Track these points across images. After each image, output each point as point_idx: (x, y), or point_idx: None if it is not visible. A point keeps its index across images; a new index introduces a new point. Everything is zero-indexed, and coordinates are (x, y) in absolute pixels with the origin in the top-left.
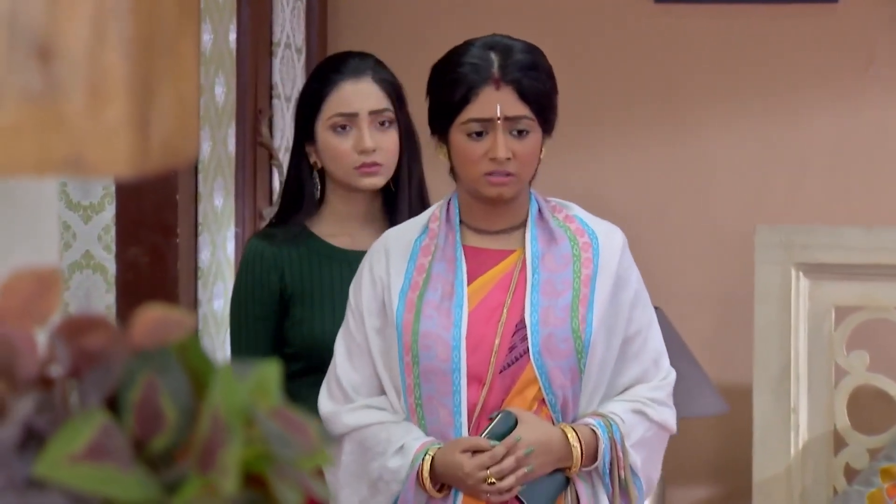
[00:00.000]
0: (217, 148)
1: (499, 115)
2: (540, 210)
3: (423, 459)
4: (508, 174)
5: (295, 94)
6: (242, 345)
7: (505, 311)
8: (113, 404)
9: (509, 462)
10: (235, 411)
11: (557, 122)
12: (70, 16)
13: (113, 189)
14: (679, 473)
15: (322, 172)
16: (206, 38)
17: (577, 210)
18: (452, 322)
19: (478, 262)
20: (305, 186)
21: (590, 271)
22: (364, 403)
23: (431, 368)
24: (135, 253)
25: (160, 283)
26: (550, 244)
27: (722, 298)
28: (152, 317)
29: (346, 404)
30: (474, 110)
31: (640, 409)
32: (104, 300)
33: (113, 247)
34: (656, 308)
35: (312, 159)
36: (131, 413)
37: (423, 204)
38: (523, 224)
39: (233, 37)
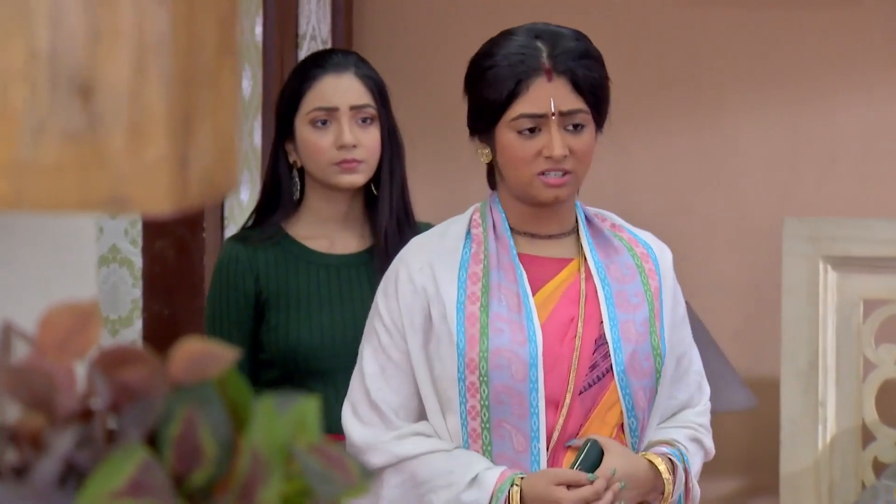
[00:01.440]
0: (243, 141)
1: (553, 109)
2: (587, 217)
3: (508, 491)
4: (565, 173)
5: None
6: None
7: (580, 325)
8: (152, 439)
9: (608, 498)
10: (275, 447)
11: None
12: (111, 54)
13: None
14: (706, 467)
15: (301, 172)
16: None
17: (620, 220)
18: (526, 337)
19: (536, 271)
20: (283, 186)
21: (656, 284)
22: (412, 430)
23: (505, 389)
24: (161, 247)
25: (186, 277)
26: (610, 253)
27: (749, 291)
28: (191, 351)
29: (389, 430)
30: (525, 105)
31: (696, 436)
32: (130, 294)
33: (139, 241)
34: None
35: (292, 158)
36: (171, 448)
37: (405, 208)
38: (574, 231)
39: (259, 30)
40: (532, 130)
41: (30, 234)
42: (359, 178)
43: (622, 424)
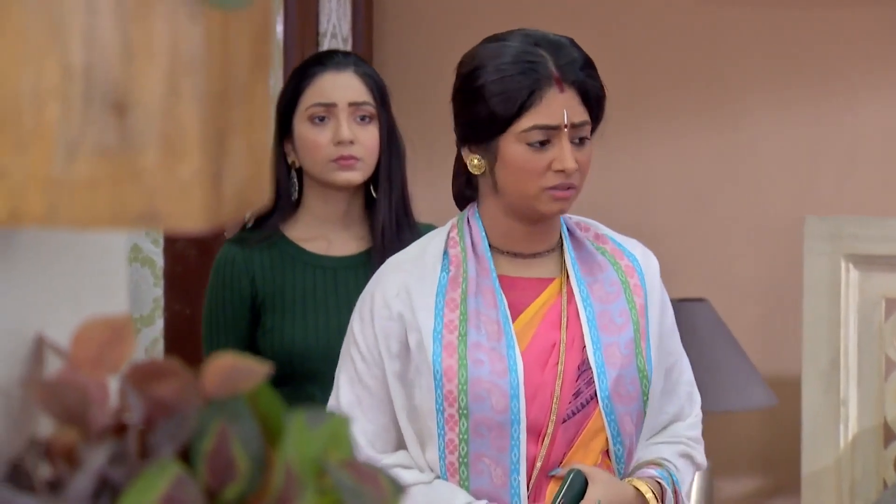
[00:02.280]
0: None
1: (566, 121)
2: (570, 230)
3: None
4: (571, 187)
5: None
6: (214, 352)
7: (562, 351)
8: (185, 454)
9: None
10: (308, 462)
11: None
12: (145, 70)
13: None
14: (727, 466)
15: (300, 173)
16: None
17: (603, 228)
18: (507, 367)
19: (516, 295)
20: (281, 187)
21: (642, 300)
22: (391, 462)
23: (485, 421)
24: (182, 246)
25: (207, 277)
26: (594, 270)
27: (770, 290)
28: (223, 365)
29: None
30: (537, 116)
31: (686, 452)
32: (152, 293)
33: (161, 240)
34: (703, 300)
35: (290, 158)
36: (204, 463)
37: (405, 209)
38: (557, 247)
39: (280, 28)
40: (543, 143)
41: (62, 249)
42: (356, 176)
43: (607, 451)
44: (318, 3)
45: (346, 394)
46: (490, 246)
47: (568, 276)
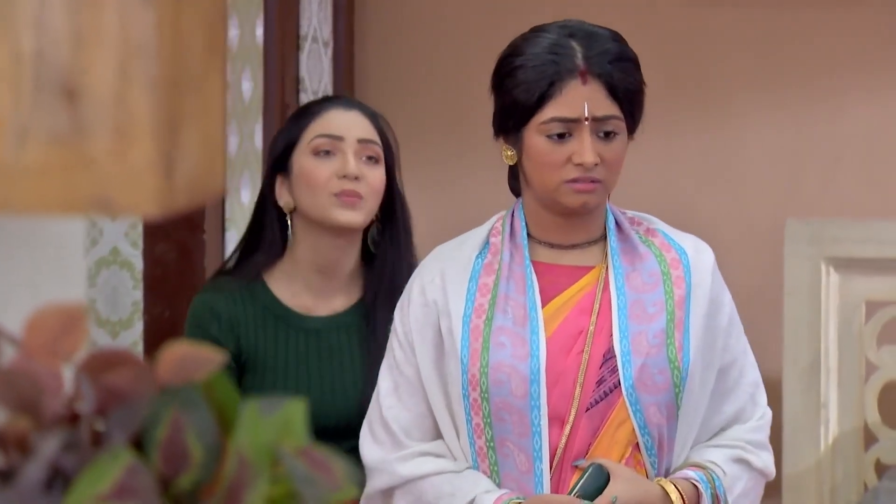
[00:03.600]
0: (244, 143)
1: (586, 114)
2: (618, 222)
3: None
4: (594, 181)
5: (322, 89)
6: None
7: (589, 338)
8: (139, 442)
9: None
10: (261, 450)
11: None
12: (96, 56)
13: None
14: None
15: (289, 217)
16: (233, 32)
17: (658, 223)
18: (528, 352)
19: (550, 281)
20: (266, 232)
21: (682, 291)
22: (419, 450)
23: (505, 406)
24: (162, 249)
25: (187, 280)
26: (635, 260)
27: (751, 292)
28: (178, 353)
29: (397, 450)
30: (557, 108)
31: (741, 456)
32: (131, 297)
33: (140, 243)
34: None
35: (283, 200)
36: (157, 451)
37: (409, 270)
38: (601, 238)
39: (260, 31)
40: (562, 135)
41: (21, 238)
42: (357, 217)
43: (637, 443)
44: (299, 5)
45: (384, 380)
46: (530, 235)
47: (607, 266)
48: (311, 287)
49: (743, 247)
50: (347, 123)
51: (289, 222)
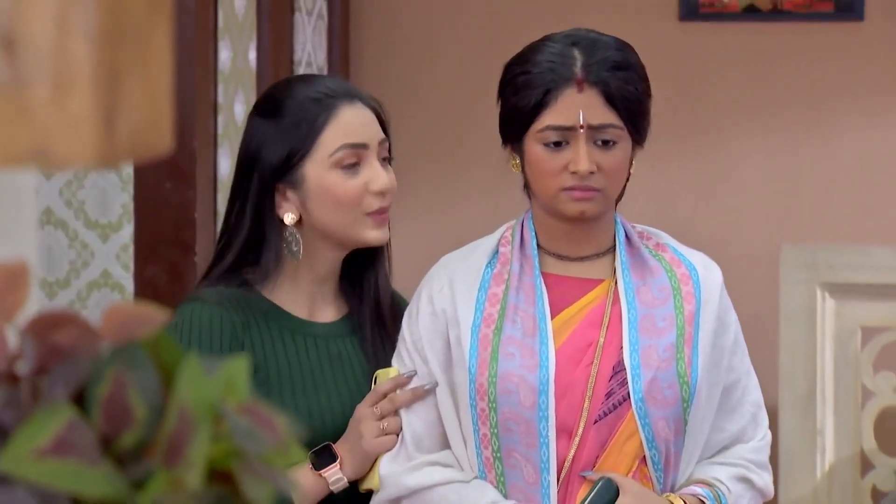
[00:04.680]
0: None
1: (581, 122)
2: (628, 235)
3: None
4: (592, 189)
5: None
6: None
7: (599, 350)
8: (80, 400)
9: None
10: (203, 406)
11: None
12: (34, 6)
13: (132, 208)
14: None
15: (290, 229)
16: (225, 55)
17: (668, 238)
18: (538, 362)
19: (560, 293)
20: (271, 243)
21: (692, 307)
22: (427, 460)
23: (513, 416)
24: (153, 272)
25: (178, 302)
26: (645, 274)
27: (747, 318)
28: (122, 312)
29: (406, 461)
30: (552, 116)
31: (744, 475)
32: None
33: (131, 265)
34: None
35: (287, 213)
36: (99, 409)
37: (387, 283)
38: (610, 250)
39: (253, 55)
40: (559, 144)
41: None
42: (387, 235)
43: (644, 457)
44: (293, 30)
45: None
46: (539, 246)
47: (617, 279)
48: (308, 295)
49: (738, 272)
50: (365, 123)
51: (288, 234)
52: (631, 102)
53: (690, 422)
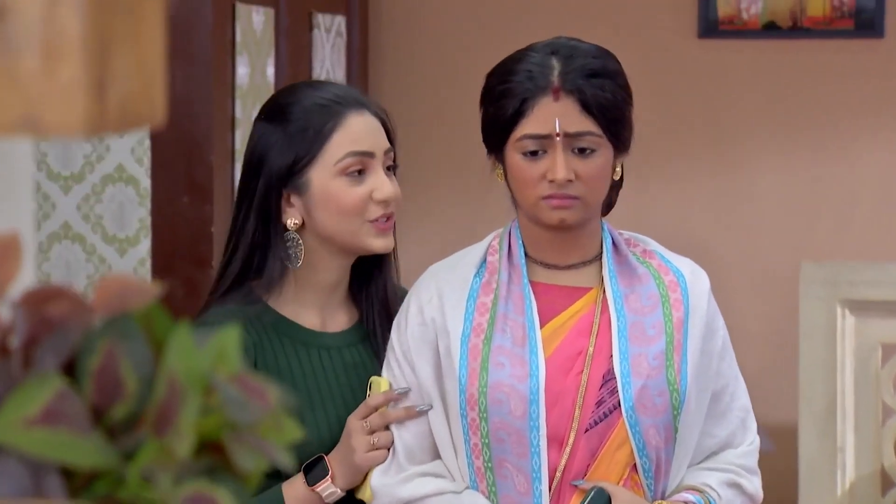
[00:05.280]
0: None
1: (557, 130)
2: (615, 243)
3: None
4: (571, 197)
5: None
6: None
7: (588, 359)
8: (72, 371)
9: None
10: (193, 375)
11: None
12: None
13: (149, 222)
14: None
15: (293, 235)
16: (243, 71)
17: (655, 245)
18: (528, 372)
19: (549, 302)
20: (277, 250)
21: (681, 314)
22: (418, 471)
23: (504, 426)
24: (170, 285)
25: (194, 316)
26: (633, 282)
27: (767, 336)
28: (114, 284)
29: (398, 473)
30: (529, 125)
31: (734, 480)
32: None
33: (148, 280)
34: None
35: (291, 218)
36: (90, 380)
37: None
38: (597, 258)
39: (271, 71)
40: (536, 153)
41: None
42: (391, 242)
43: (634, 465)
44: (311, 47)
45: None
46: (527, 255)
47: (605, 288)
48: (316, 305)
49: (758, 290)
50: (372, 132)
51: (292, 240)
52: (608, 109)
53: (681, 429)
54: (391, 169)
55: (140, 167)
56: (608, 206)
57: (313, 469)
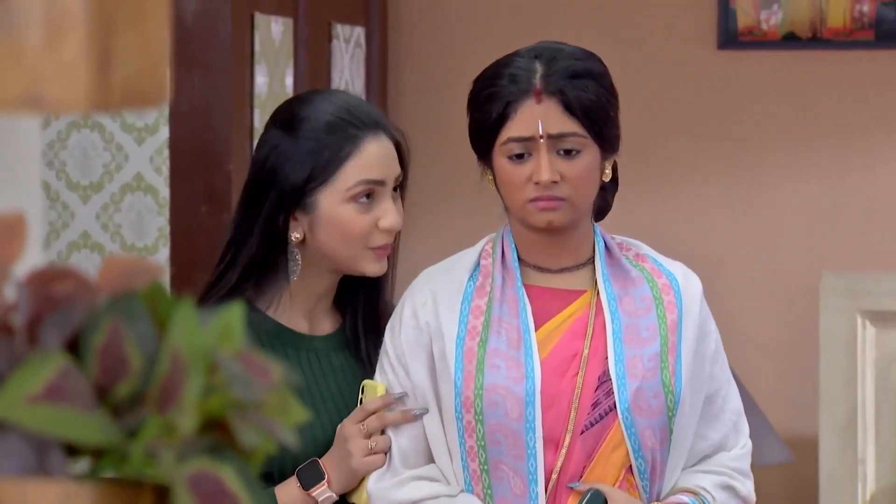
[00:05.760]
0: None
1: (541, 132)
2: (608, 246)
3: None
4: (557, 199)
5: None
6: None
7: (584, 361)
8: (76, 350)
9: None
10: (197, 352)
11: (621, 162)
12: None
13: (167, 231)
14: None
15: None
16: (261, 80)
17: (647, 249)
18: (524, 374)
19: (543, 304)
20: (280, 263)
21: (675, 317)
22: (413, 475)
23: (500, 428)
24: (188, 294)
25: None
26: (627, 285)
27: (787, 346)
28: (119, 264)
29: (392, 477)
30: (513, 129)
31: (728, 483)
32: None
33: (168, 288)
34: None
35: (294, 233)
36: (94, 358)
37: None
38: (590, 261)
39: (289, 81)
40: (521, 156)
41: None
42: (385, 267)
43: (630, 466)
44: (330, 58)
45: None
46: (520, 259)
47: (598, 290)
48: (303, 310)
49: (778, 301)
50: (386, 159)
51: (291, 253)
52: (591, 110)
53: (675, 430)
54: (398, 189)
55: (159, 176)
56: (603, 209)
57: (306, 473)
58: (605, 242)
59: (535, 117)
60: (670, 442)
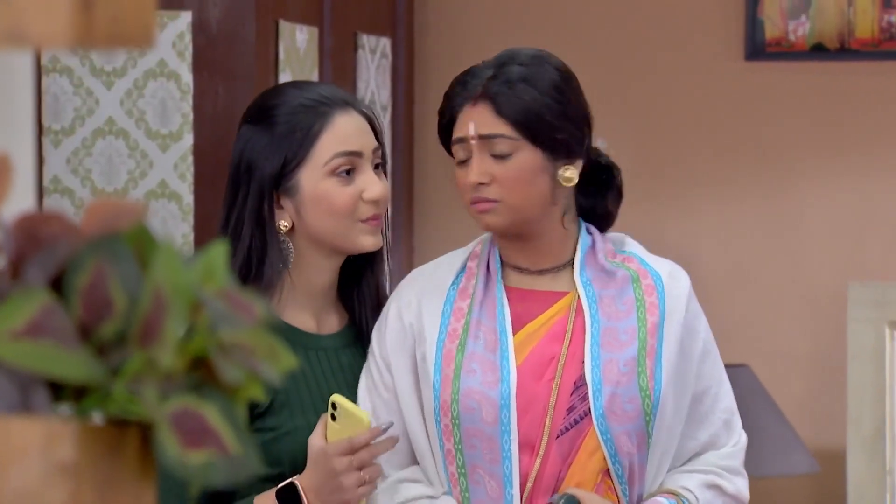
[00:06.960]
0: None
1: (472, 133)
2: (594, 248)
3: None
4: (488, 200)
5: None
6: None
7: (560, 365)
8: (61, 289)
9: None
10: (180, 290)
11: (638, 172)
12: None
13: (192, 238)
14: None
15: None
16: None
17: (634, 246)
18: (499, 378)
19: (525, 307)
20: (273, 255)
21: (655, 319)
22: (397, 478)
23: (476, 432)
24: None
25: None
26: (609, 286)
27: (814, 357)
28: (104, 207)
29: (380, 481)
30: (456, 131)
31: (714, 482)
32: None
33: None
34: (744, 365)
35: (282, 220)
36: (78, 297)
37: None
38: (572, 263)
39: None
40: (465, 161)
41: None
42: (380, 240)
43: (607, 470)
44: (356, 67)
45: (363, 404)
46: (504, 262)
47: (578, 291)
48: (308, 307)
49: (805, 311)
50: (359, 131)
51: (282, 242)
52: (521, 113)
53: (655, 434)
54: (380, 167)
55: (183, 183)
56: (605, 217)
57: (285, 495)
58: (593, 243)
59: (469, 119)
60: (649, 446)
